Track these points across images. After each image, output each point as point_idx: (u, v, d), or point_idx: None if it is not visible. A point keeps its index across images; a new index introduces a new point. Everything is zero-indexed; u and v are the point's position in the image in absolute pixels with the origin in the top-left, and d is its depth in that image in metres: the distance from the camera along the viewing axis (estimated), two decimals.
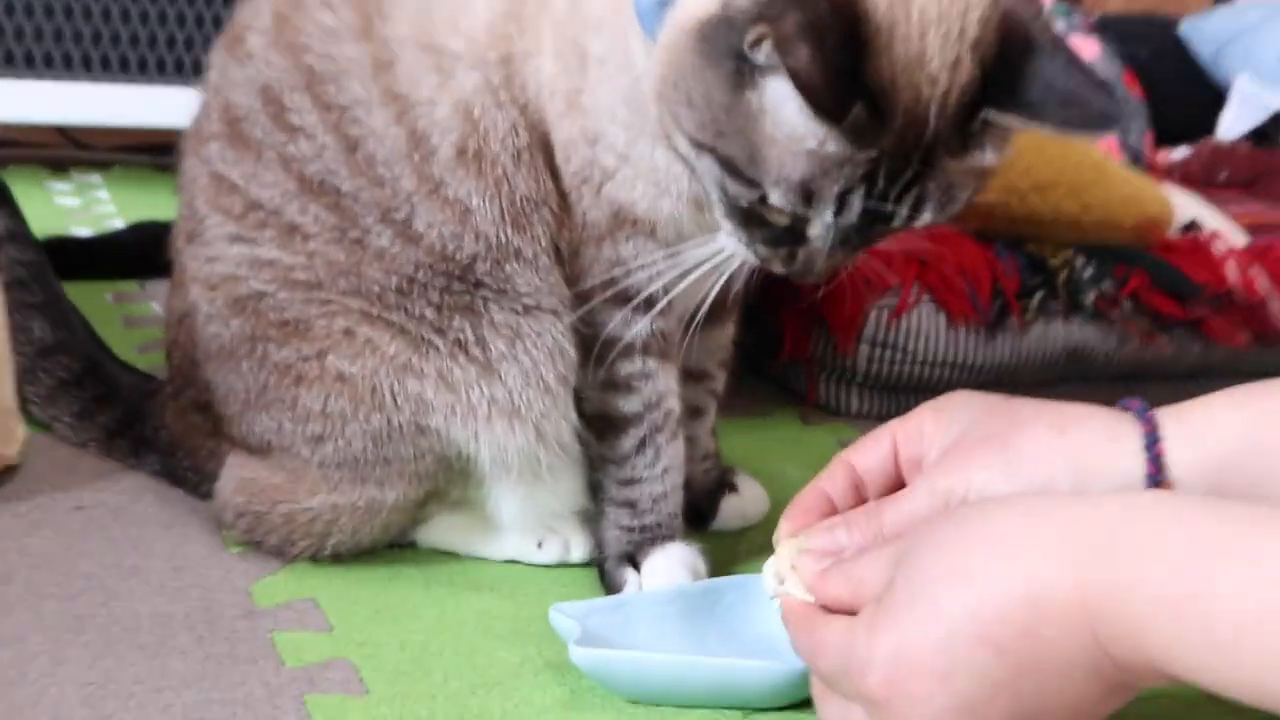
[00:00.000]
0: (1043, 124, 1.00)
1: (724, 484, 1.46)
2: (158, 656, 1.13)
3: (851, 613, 0.94)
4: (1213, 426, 0.97)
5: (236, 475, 1.32)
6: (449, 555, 1.36)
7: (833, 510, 1.09)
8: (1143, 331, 1.88)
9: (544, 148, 1.22)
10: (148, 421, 1.44)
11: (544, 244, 1.22)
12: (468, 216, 1.21)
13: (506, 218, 1.21)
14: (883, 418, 1.82)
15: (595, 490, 1.31)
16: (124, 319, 1.94)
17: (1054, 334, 1.85)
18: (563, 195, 1.22)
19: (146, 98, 2.67)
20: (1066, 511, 0.86)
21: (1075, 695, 0.85)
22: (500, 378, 1.23)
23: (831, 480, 1.11)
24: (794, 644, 0.99)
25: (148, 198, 2.51)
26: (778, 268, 1.10)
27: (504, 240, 1.22)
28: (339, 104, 1.23)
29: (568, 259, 1.24)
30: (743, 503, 1.46)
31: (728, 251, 1.13)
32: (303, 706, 1.07)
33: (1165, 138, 2.49)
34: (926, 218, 1.05)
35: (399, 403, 1.23)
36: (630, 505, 1.28)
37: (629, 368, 1.25)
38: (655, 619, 1.17)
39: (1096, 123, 1.00)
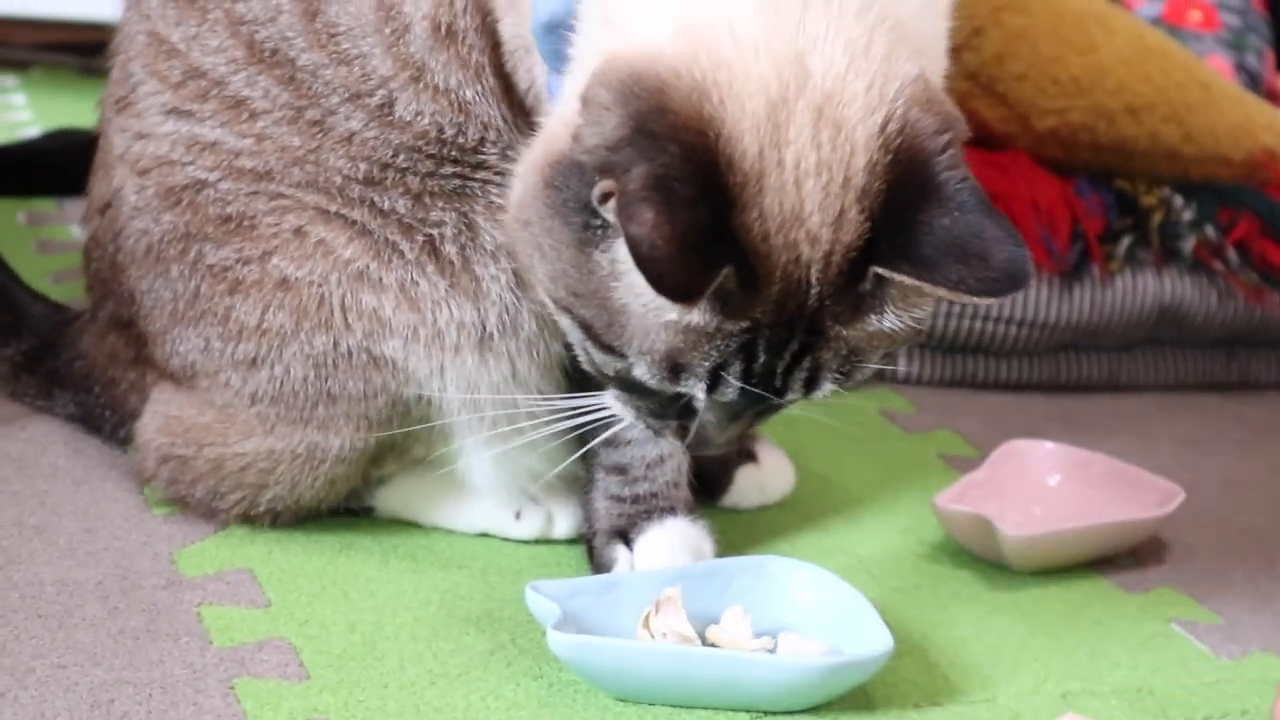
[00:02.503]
0: (935, 284, 0.98)
1: (741, 452, 1.47)
2: (62, 628, 1.15)
3: None
4: None
5: (161, 413, 1.34)
6: (412, 526, 1.38)
7: None
8: (1250, 287, 1.89)
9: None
10: (61, 353, 1.46)
11: None
12: (468, 107, 1.22)
13: (511, 108, 1.23)
14: (938, 384, 1.85)
15: (587, 453, 1.32)
16: (37, 244, 1.96)
17: (1144, 287, 1.85)
18: None
19: None
20: None
21: None
22: (478, 282, 1.24)
23: None
24: None
25: (70, 103, 2.51)
26: (670, 440, 1.10)
27: (518, 126, 1.22)
28: None
29: None
30: (762, 476, 1.47)
31: (615, 413, 1.12)
32: (230, 692, 1.10)
33: None
34: (826, 390, 1.04)
35: (350, 321, 1.25)
36: (620, 471, 1.30)
37: None
38: (650, 603, 1.18)
39: (996, 285, 0.97)
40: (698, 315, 0.99)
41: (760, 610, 1.19)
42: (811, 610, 1.21)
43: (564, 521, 1.36)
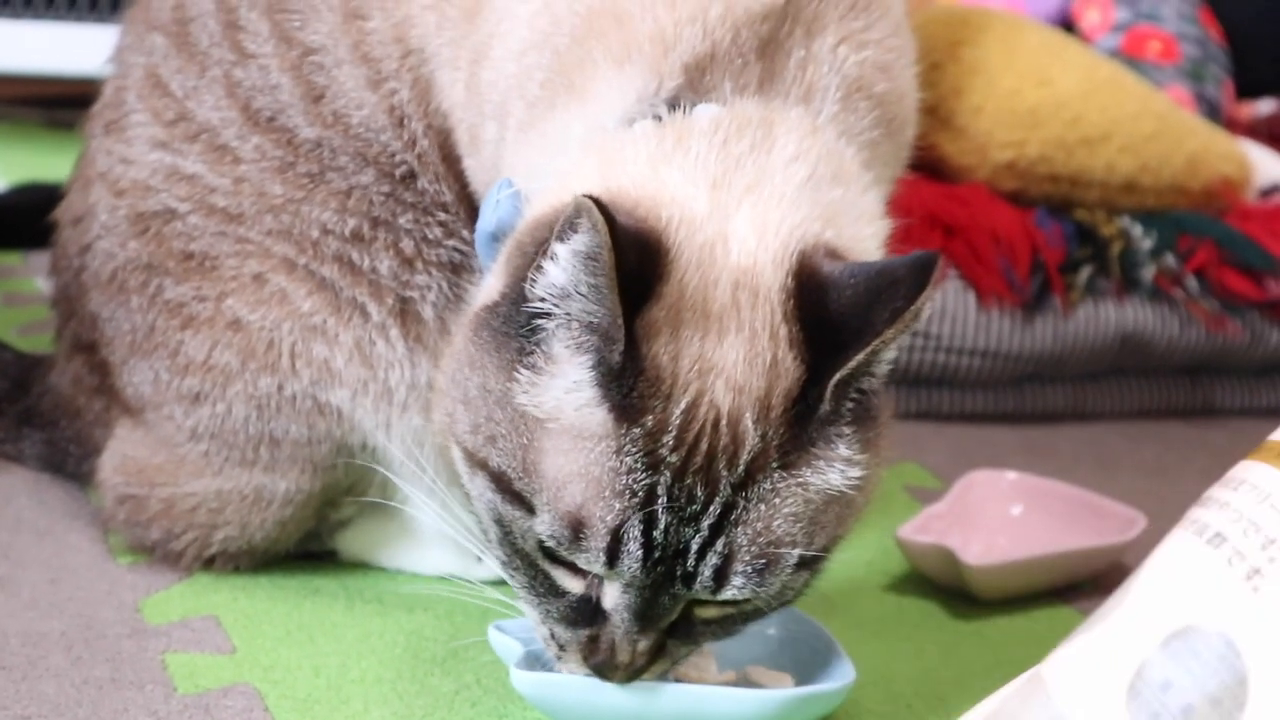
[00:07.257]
0: (879, 334, 0.96)
1: None
2: (26, 679, 1.16)
3: None
4: None
5: (118, 452, 1.36)
6: (376, 569, 1.39)
7: None
8: (1211, 315, 1.91)
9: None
10: (31, 389, 1.48)
11: None
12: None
13: None
14: (903, 416, 1.86)
15: None
16: (2, 297, 1.97)
17: (1105, 317, 1.87)
18: None
19: (42, 39, 2.69)
20: None
21: None
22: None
23: None
24: None
25: (36, 157, 2.52)
26: (575, 660, 1.06)
27: None
28: (302, 42, 1.26)
29: None
30: None
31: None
32: None
33: (1248, 88, 2.51)
34: (735, 586, 1.01)
35: (297, 367, 1.27)
36: None
37: None
38: None
39: (916, 285, 0.96)
40: (599, 412, 0.97)
41: (724, 644, 1.20)
42: (775, 643, 1.22)
43: None
